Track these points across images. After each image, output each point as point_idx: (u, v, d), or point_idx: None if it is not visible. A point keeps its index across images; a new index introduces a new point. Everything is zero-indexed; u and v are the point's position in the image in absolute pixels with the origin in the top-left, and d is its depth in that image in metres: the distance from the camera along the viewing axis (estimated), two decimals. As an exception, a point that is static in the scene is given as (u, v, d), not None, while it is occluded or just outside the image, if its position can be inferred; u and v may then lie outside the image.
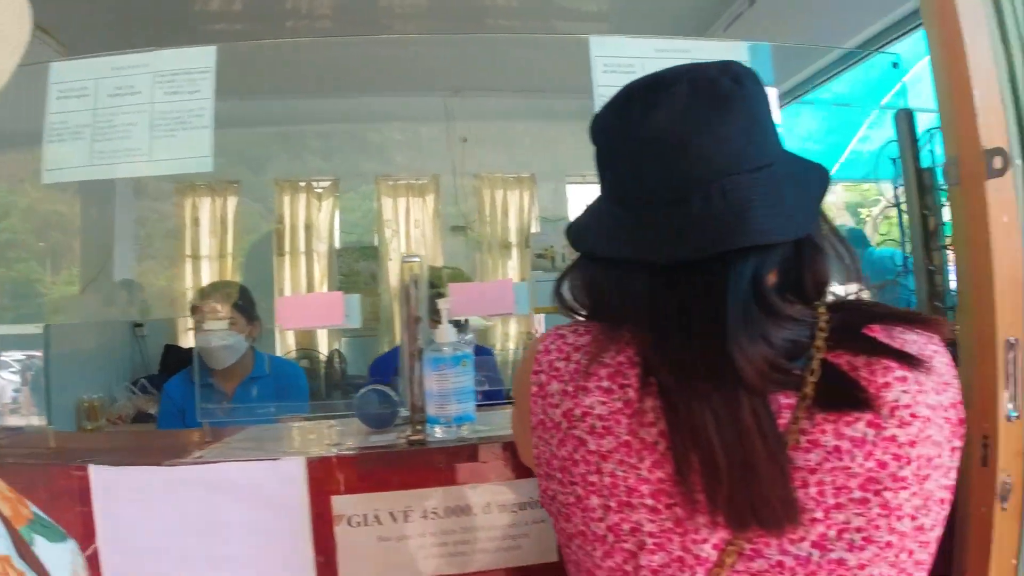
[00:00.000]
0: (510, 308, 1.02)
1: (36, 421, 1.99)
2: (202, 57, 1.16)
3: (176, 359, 3.58)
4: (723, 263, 0.54)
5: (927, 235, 1.38)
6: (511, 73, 3.82)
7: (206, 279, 3.84)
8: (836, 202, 3.67)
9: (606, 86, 1.34)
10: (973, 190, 1.07)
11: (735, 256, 0.53)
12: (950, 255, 1.33)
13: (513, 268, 4.21)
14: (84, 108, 1.13)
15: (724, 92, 0.56)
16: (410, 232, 4.18)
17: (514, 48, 3.47)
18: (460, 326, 2.17)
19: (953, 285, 1.33)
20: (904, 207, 1.43)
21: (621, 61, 1.38)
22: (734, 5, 2.77)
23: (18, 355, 1.99)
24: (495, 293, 1.06)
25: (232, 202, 4.03)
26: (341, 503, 0.93)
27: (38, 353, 2.03)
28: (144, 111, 1.14)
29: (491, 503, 0.95)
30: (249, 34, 3.02)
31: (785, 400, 0.54)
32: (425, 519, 0.94)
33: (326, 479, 0.93)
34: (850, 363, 0.55)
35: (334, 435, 1.09)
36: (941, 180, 1.30)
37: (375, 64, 3.56)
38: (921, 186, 1.39)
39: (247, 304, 1.92)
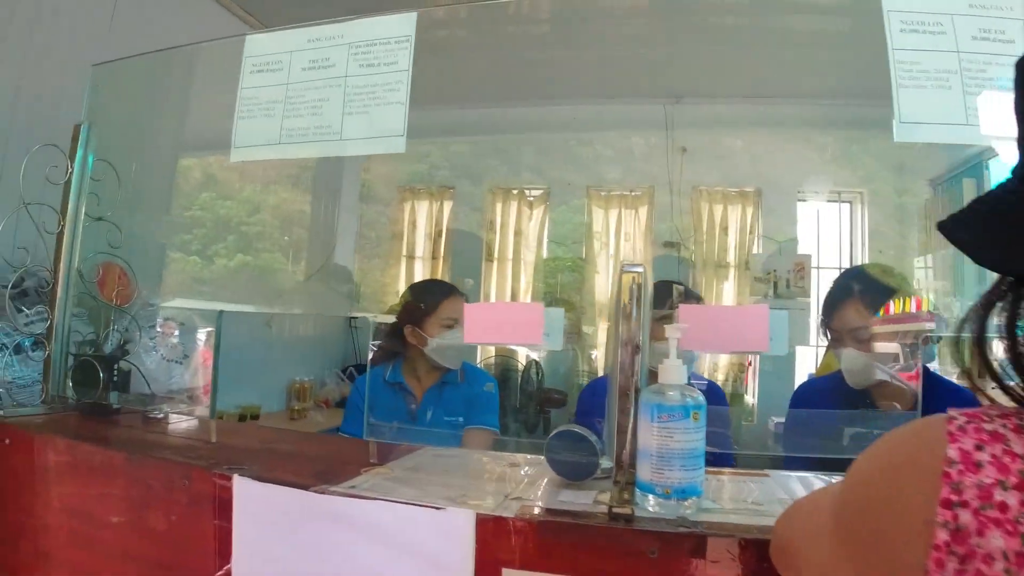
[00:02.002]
0: (763, 345, 0.71)
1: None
2: (401, 25, 1.03)
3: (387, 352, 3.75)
4: None
5: None
6: (738, 76, 3.43)
7: (419, 279, 3.99)
8: None
9: (903, 49, 1.02)
10: None
11: None
12: None
13: (728, 291, 3.82)
14: (275, 83, 1.08)
15: None
16: (620, 246, 3.96)
17: (743, 49, 3.07)
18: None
19: None
20: None
21: (923, 18, 1.05)
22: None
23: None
24: (742, 323, 0.74)
25: (447, 207, 4.19)
26: (515, 581, 0.73)
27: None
28: (337, 86, 1.05)
29: (715, 620, 0.66)
30: (467, 40, 3.00)
31: None
32: (622, 626, 0.69)
33: (498, 543, 0.72)
34: None
35: (518, 479, 0.88)
36: None
37: (592, 69, 3.39)
38: None
39: None
